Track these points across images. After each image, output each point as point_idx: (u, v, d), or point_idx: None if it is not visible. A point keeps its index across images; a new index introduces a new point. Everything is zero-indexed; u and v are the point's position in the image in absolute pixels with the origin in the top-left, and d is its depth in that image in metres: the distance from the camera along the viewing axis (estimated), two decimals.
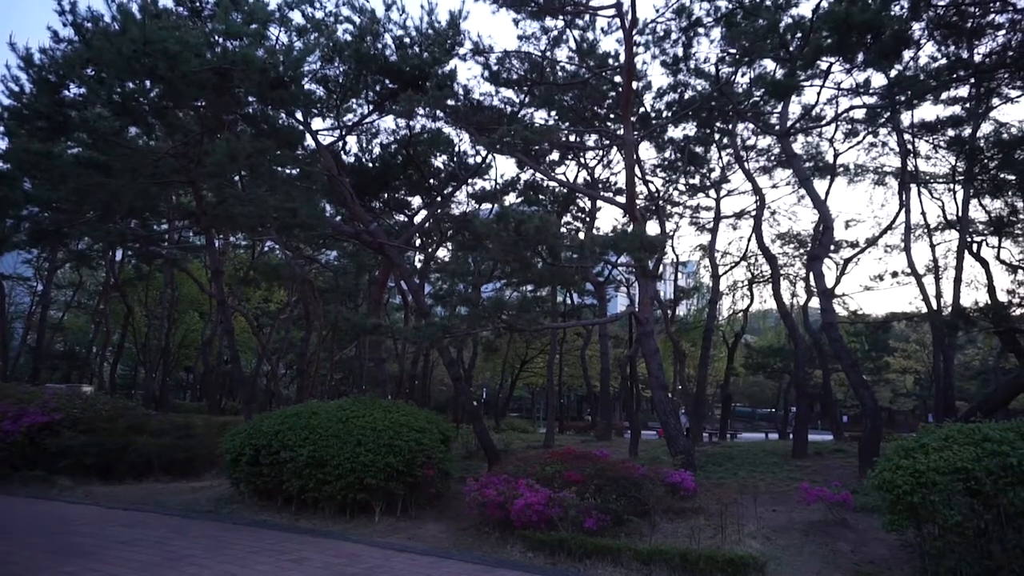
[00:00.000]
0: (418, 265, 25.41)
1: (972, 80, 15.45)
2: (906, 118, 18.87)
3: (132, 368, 41.63)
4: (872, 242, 24.22)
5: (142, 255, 26.22)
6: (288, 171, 15.08)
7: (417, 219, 20.24)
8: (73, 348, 39.61)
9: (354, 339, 27.73)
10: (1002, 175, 16.43)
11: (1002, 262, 19.34)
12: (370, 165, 17.69)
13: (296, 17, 13.66)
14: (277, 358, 30.10)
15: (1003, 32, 13.53)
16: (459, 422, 25.79)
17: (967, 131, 17.42)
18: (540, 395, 50.17)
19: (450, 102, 15.35)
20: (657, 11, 14.68)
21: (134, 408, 14.97)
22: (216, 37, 11.82)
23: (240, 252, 31.53)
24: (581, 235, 21.50)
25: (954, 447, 6.30)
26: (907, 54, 14.28)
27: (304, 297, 25.62)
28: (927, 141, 19.75)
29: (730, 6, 14.32)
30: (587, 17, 15.03)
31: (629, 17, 13.07)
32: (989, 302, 17.21)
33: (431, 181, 18.48)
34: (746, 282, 31.31)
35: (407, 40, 14.44)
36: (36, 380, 25.31)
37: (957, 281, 19.42)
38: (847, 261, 24.93)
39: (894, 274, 23.82)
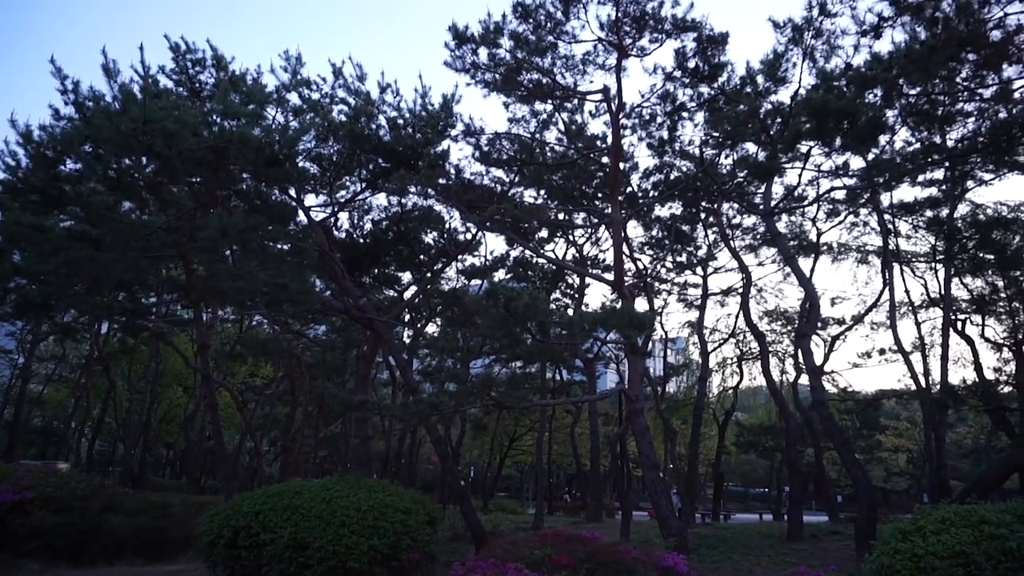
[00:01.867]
0: (407, 341, 25.31)
1: (946, 164, 16.00)
2: (885, 199, 19.42)
3: (111, 444, 40.54)
4: (858, 319, 24.45)
5: (128, 328, 25.98)
6: (280, 246, 15.19)
7: (407, 295, 20.30)
8: (51, 423, 38.64)
9: (340, 415, 27.28)
10: (981, 255, 16.80)
11: (987, 340, 19.54)
12: (361, 241, 17.87)
13: (293, 98, 14.07)
14: (261, 434, 29.46)
15: (972, 119, 14.13)
16: (446, 502, 25.11)
17: (945, 212, 17.91)
18: (529, 474, 49.11)
19: (442, 181, 15.68)
20: (643, 96, 15.26)
21: (110, 486, 14.49)
22: (214, 116, 12.12)
23: (227, 326, 31.32)
24: (570, 312, 21.61)
25: (951, 530, 6.18)
26: (883, 139, 14.86)
27: (290, 372, 25.33)
28: (907, 221, 20.26)
29: (712, 92, 14.92)
30: (575, 101, 15.57)
31: (616, 102, 13.56)
32: (977, 380, 17.27)
33: (421, 257, 18.64)
34: (735, 359, 31.36)
35: (401, 121, 14.87)
36: (11, 456, 24.55)
37: (944, 359, 19.53)
38: (835, 338, 25.08)
39: (881, 351, 23.96)
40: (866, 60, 12.93)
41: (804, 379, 22.15)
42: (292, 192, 14.56)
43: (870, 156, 15.78)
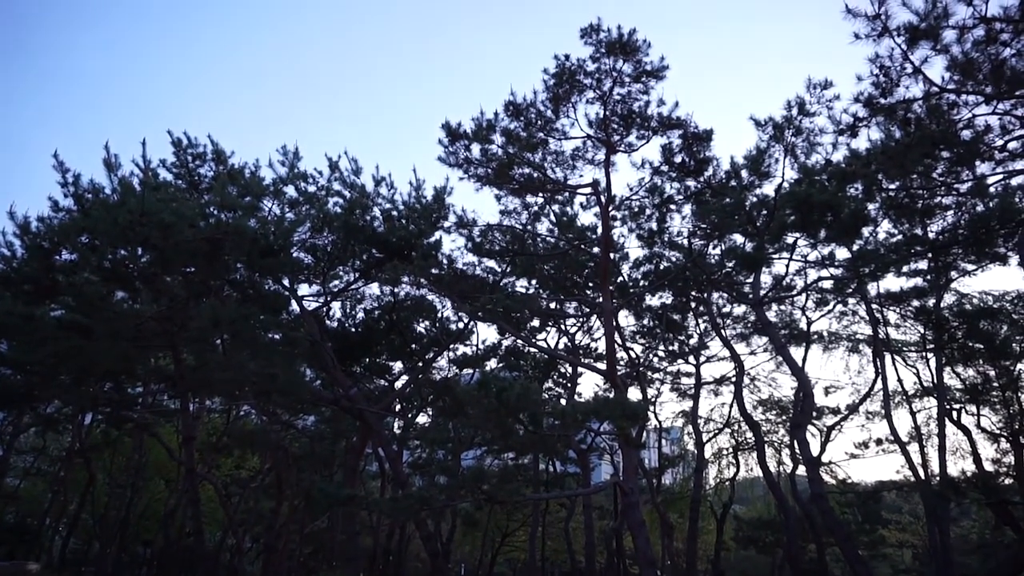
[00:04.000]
0: (397, 431, 24.88)
1: (929, 255, 16.33)
2: (872, 289, 19.65)
3: (86, 542, 38.81)
4: (853, 409, 24.18)
5: (113, 419, 25.45)
6: (271, 335, 15.15)
7: (398, 384, 20.12)
8: (25, 519, 37.10)
9: (327, 510, 26.41)
10: (971, 344, 16.87)
11: (983, 430, 19.31)
12: (353, 330, 17.88)
13: (290, 191, 14.40)
14: (243, 530, 28.36)
15: (951, 212, 14.55)
16: None
17: (931, 301, 18.10)
18: (522, 571, 47.13)
19: (434, 271, 15.85)
20: (631, 189, 15.69)
21: None
22: (211, 208, 12.36)
23: (215, 417, 30.72)
24: (563, 402, 21.38)
25: None
26: (866, 230, 15.22)
27: (277, 464, 24.68)
28: (894, 311, 20.43)
29: (699, 185, 15.36)
30: (566, 194, 15.98)
31: (605, 195, 13.94)
32: (976, 472, 16.98)
33: (413, 346, 18.60)
34: (731, 449, 30.80)
35: (395, 213, 15.19)
36: None
37: (941, 449, 19.25)
38: (830, 428, 24.74)
39: (878, 441, 23.58)
40: (845, 156, 13.44)
41: (802, 470, 21.70)
42: (285, 282, 14.67)
43: (855, 247, 16.12)
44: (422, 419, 26.51)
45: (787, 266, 17.07)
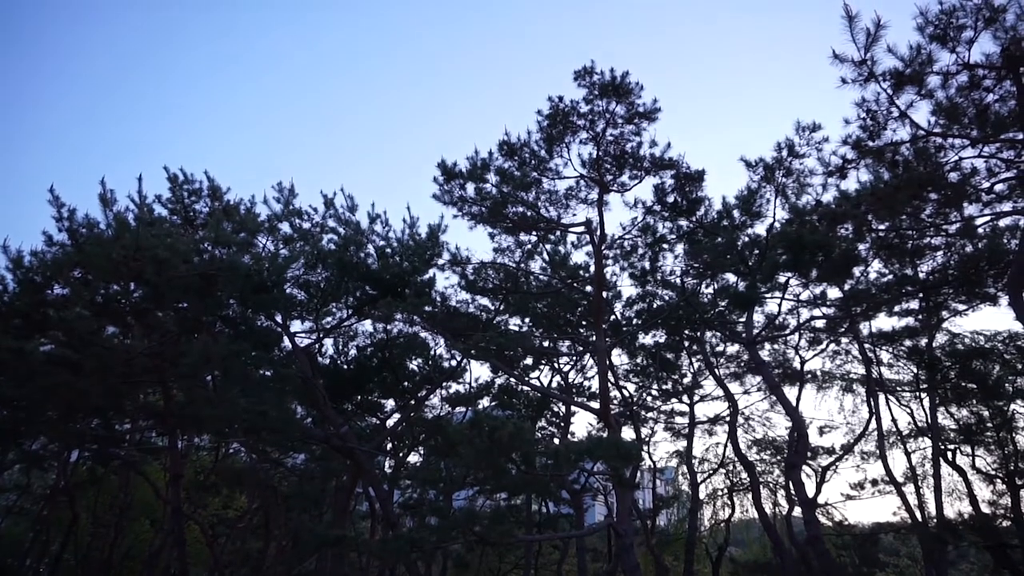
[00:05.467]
0: (388, 470, 24.54)
1: (920, 295, 16.43)
2: (865, 328, 19.70)
3: None
4: (848, 449, 23.99)
5: (99, 457, 25.04)
6: (262, 372, 15.06)
7: (389, 422, 19.93)
8: (5, 559, 36.16)
9: (315, 551, 25.88)
10: (963, 384, 16.88)
11: (978, 471, 19.18)
12: (345, 368, 17.77)
13: (284, 227, 14.47)
14: (230, 571, 27.72)
15: (941, 252, 14.70)
16: None
17: (924, 341, 18.16)
18: None
19: (428, 309, 15.83)
20: (624, 228, 15.80)
21: None
22: (206, 244, 12.40)
23: (203, 455, 30.25)
24: (556, 441, 21.21)
25: None
26: (857, 270, 15.36)
27: (265, 504, 24.26)
28: (887, 350, 20.45)
29: (691, 225, 15.51)
30: (559, 233, 16.10)
31: (598, 234, 14.04)
32: (973, 514, 16.83)
33: (405, 384, 18.48)
34: (726, 490, 30.46)
35: (389, 250, 15.24)
36: None
37: (937, 491, 19.07)
38: (825, 469, 24.52)
39: (874, 482, 23.37)
40: (835, 197, 13.61)
41: (798, 511, 21.43)
42: (278, 318, 14.62)
43: (846, 287, 16.22)
44: (413, 458, 26.21)
45: (779, 305, 17.15)
